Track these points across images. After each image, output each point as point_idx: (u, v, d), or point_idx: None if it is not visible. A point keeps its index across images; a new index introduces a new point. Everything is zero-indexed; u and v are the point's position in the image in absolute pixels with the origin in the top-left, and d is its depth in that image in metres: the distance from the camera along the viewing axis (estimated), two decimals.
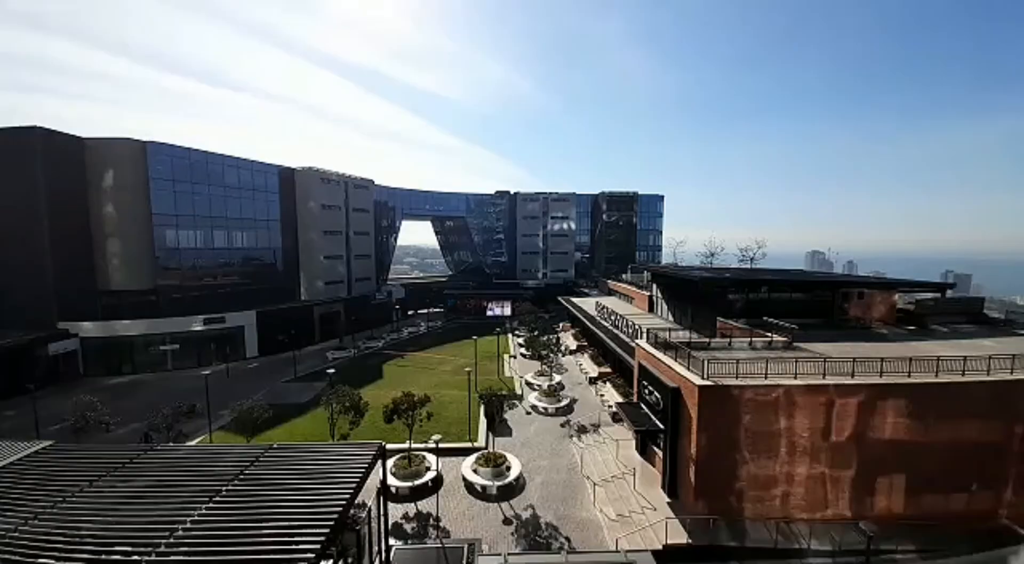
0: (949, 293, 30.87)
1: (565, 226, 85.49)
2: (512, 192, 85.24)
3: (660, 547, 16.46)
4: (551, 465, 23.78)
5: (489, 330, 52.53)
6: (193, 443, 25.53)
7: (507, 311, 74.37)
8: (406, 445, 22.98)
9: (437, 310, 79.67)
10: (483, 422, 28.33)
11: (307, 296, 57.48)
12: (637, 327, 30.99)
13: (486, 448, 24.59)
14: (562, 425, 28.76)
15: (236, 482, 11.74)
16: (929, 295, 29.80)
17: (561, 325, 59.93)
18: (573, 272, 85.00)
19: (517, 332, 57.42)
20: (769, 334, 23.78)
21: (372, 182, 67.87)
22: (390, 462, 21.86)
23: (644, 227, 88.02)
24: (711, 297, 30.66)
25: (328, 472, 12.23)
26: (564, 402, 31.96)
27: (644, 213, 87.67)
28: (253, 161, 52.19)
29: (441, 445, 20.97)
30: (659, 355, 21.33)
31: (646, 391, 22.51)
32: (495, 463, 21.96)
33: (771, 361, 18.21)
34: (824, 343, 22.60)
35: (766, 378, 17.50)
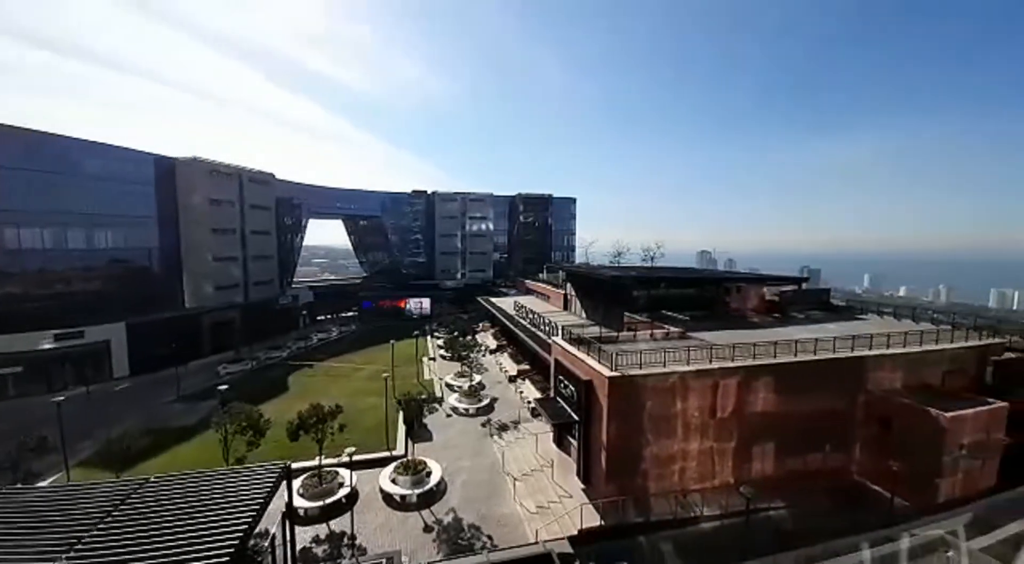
0: (804, 286, 36.75)
1: (483, 227, 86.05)
2: (430, 192, 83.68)
3: (576, 532, 17.34)
4: (473, 465, 23.80)
5: (407, 333, 50.93)
6: (46, 483, 21.24)
7: (426, 312, 72.90)
8: (316, 462, 21.42)
9: (351, 314, 75.43)
10: (402, 428, 27.46)
11: (193, 302, 50.80)
12: (553, 324, 32.26)
13: (405, 455, 23.88)
14: (483, 425, 28.93)
15: (102, 526, 10.02)
16: (789, 288, 35.14)
17: (481, 325, 60.24)
18: (492, 272, 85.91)
19: (437, 334, 56.52)
20: (667, 326, 26.24)
21: (273, 176, 62.11)
22: (297, 482, 20.23)
23: (559, 228, 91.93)
24: (618, 294, 33.01)
25: (221, 502, 10.95)
26: (485, 402, 32.18)
27: (558, 215, 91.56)
28: (122, 148, 44.82)
29: (356, 457, 19.91)
30: (573, 350, 22.42)
31: (562, 385, 23.53)
32: (415, 470, 21.40)
33: (668, 351, 20.10)
34: (711, 332, 25.48)
35: (664, 366, 19.28)
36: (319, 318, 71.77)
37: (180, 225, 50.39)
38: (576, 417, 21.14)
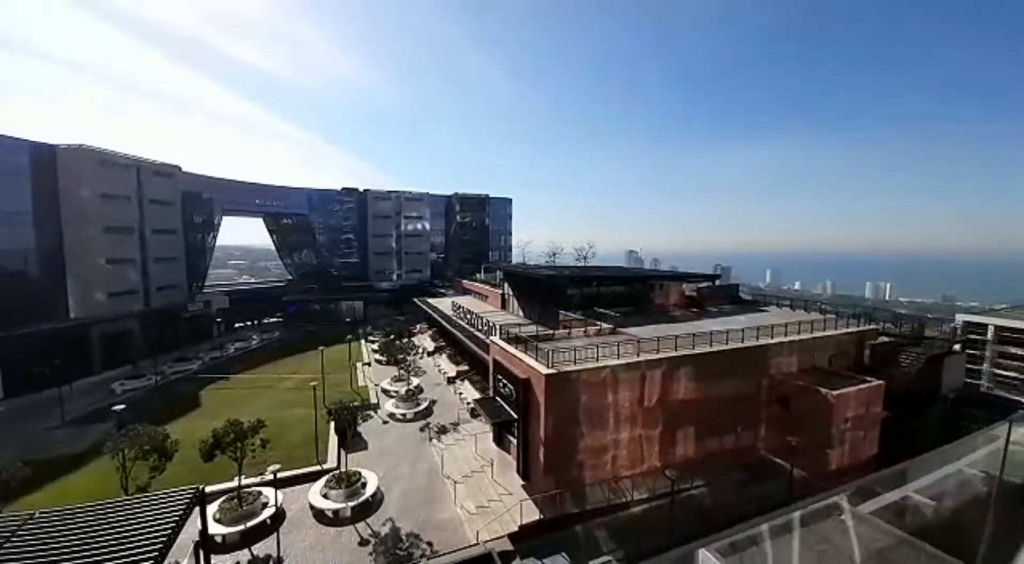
0: (718, 282, 40.31)
1: (420, 226, 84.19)
2: (362, 190, 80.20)
3: (516, 529, 17.58)
4: (411, 472, 23.22)
5: (339, 337, 48.40)
6: None
7: (360, 315, 69.83)
8: (235, 482, 19.66)
9: (275, 320, 70.18)
10: (333, 439, 26.07)
11: (80, 312, 44.32)
12: (491, 324, 32.41)
13: (338, 467, 22.71)
14: (422, 429, 28.33)
15: None
16: (705, 284, 38.36)
17: (418, 327, 58.93)
18: (429, 272, 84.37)
19: (371, 337, 54.34)
20: (599, 323, 27.46)
21: (179, 169, 56.03)
22: (213, 507, 18.49)
23: (496, 228, 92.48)
24: (554, 293, 33.95)
25: (121, 536, 9.70)
26: (423, 405, 31.53)
27: (495, 215, 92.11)
28: None
29: (282, 474, 18.56)
30: (511, 349, 22.69)
31: (501, 384, 23.72)
32: (349, 482, 20.41)
33: (601, 346, 21.07)
34: (638, 327, 27.08)
35: (597, 361, 20.18)
36: (237, 325, 65.96)
37: (63, 223, 43.70)
38: (515, 415, 21.43)
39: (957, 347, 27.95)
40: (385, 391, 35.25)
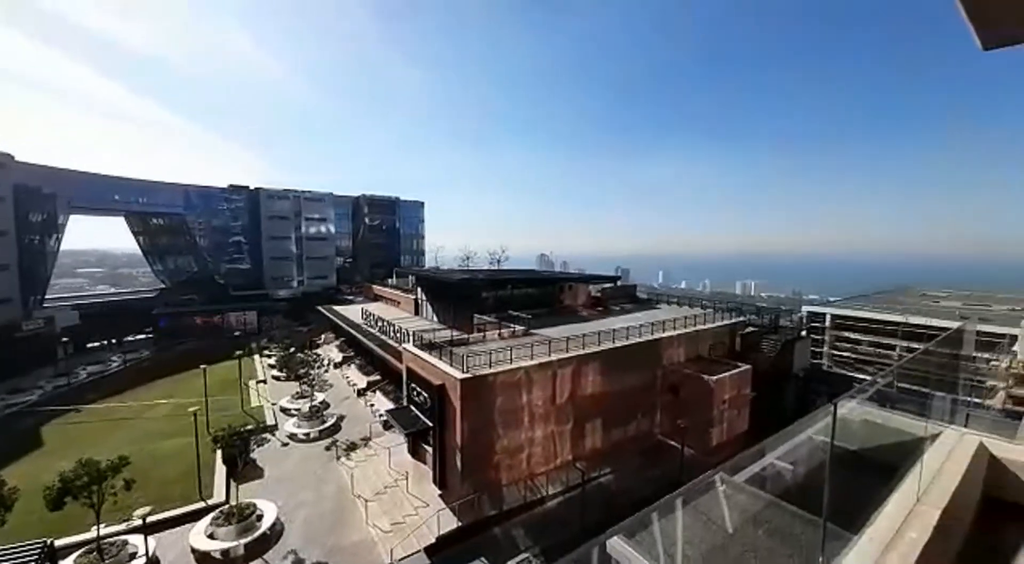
0: (619, 283, 43.74)
1: (324, 229, 78.54)
2: (253, 188, 72.48)
3: (434, 540, 17.22)
4: (317, 496, 21.50)
5: (227, 354, 43.01)
6: None
7: (253, 328, 62.91)
8: (94, 533, 16.46)
9: (143, 336, 60.23)
10: (222, 470, 23.13)
11: None
12: (404, 331, 31.40)
13: (227, 502, 20.20)
14: (328, 447, 26.39)
15: None
16: (609, 285, 41.38)
17: (323, 337, 54.85)
18: (335, 278, 79.06)
19: (268, 351, 49.22)
20: (513, 325, 28.11)
21: (11, 158, 45.60)
22: (67, 562, 15.31)
23: (407, 232, 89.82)
24: (468, 296, 33.98)
25: None
26: (329, 422, 29.40)
27: (407, 218, 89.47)
28: None
29: (155, 517, 16.03)
30: (425, 356, 22.20)
31: (415, 393, 23.07)
32: (241, 516, 18.24)
33: (515, 348, 21.59)
34: (550, 327, 28.26)
35: (511, 363, 20.63)
36: (91, 346, 55.42)
37: None
38: (430, 423, 21.00)
39: (804, 333, 33.73)
40: (284, 410, 32.20)
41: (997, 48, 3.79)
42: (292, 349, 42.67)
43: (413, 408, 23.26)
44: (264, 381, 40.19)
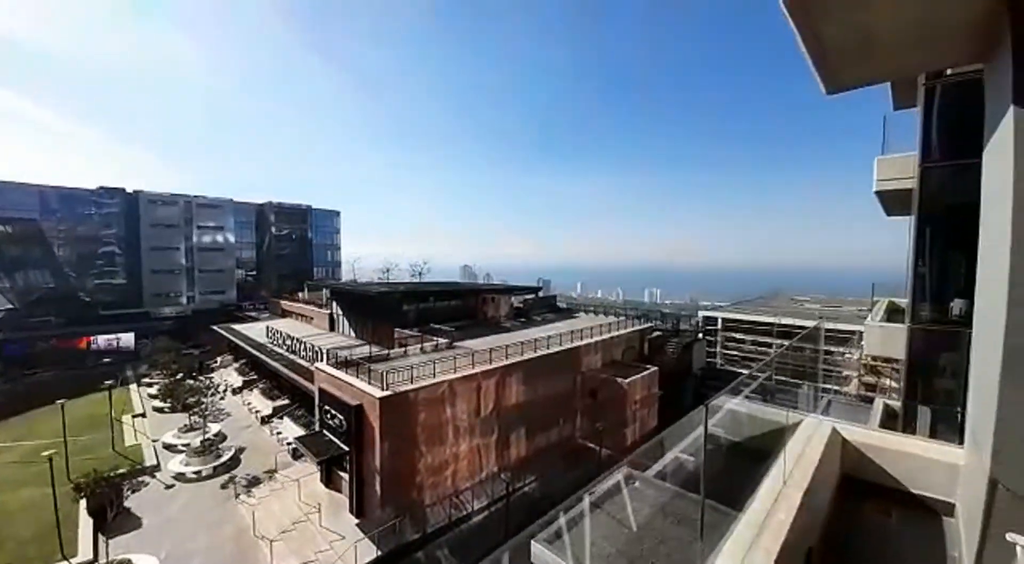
0: (541, 293, 45.12)
1: (221, 238, 70.66)
2: (132, 191, 63.11)
3: None
4: (210, 542, 18.93)
5: (94, 385, 36.47)
6: None
7: (130, 351, 54.24)
8: None
9: None
10: (87, 524, 19.43)
11: None
12: (317, 349, 29.24)
13: (95, 560, 16.99)
14: (225, 485, 23.47)
15: None
16: (531, 295, 42.49)
17: (219, 360, 49.00)
18: (235, 293, 71.30)
19: (148, 379, 42.64)
20: (436, 338, 27.57)
21: None
22: None
23: (321, 242, 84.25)
24: (388, 310, 32.70)
25: None
26: (226, 456, 26.18)
27: (321, 228, 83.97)
28: None
29: None
30: (340, 375, 20.85)
31: (329, 416, 21.49)
32: None
33: (438, 361, 21.16)
34: (474, 339, 28.20)
35: (434, 377, 20.17)
36: None
37: None
38: (346, 447, 19.67)
39: (700, 336, 37.52)
40: (169, 446, 28.10)
41: (838, 92, 4.63)
42: (179, 375, 37.51)
43: (327, 433, 21.63)
44: (143, 415, 34.67)
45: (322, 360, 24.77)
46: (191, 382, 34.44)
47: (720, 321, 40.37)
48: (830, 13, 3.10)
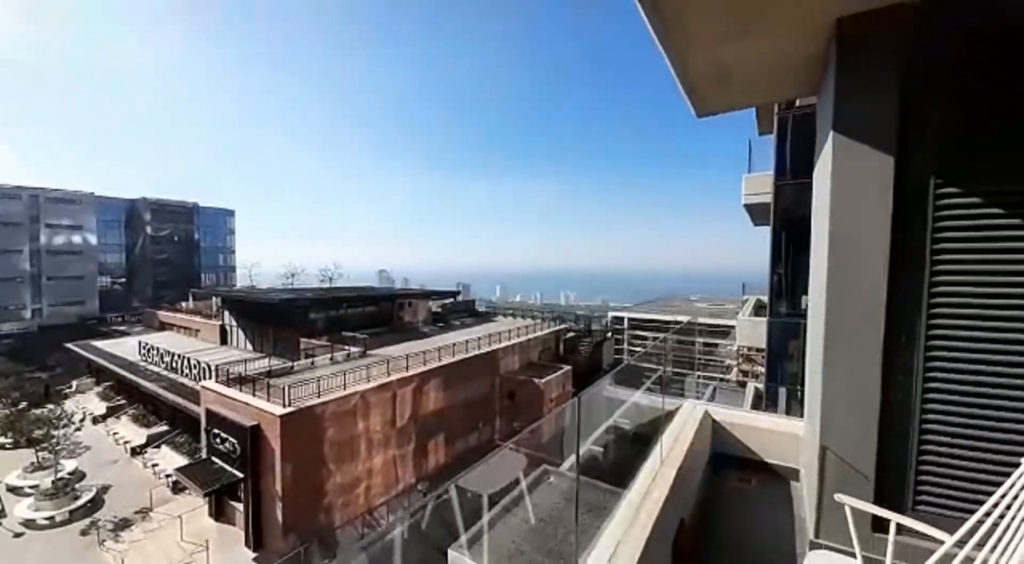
0: (459, 297, 44.91)
1: (78, 239, 59.71)
2: None
3: None
4: None
5: None
6: None
7: None
8: None
9: None
10: None
11: None
12: (205, 365, 25.95)
13: None
14: (86, 531, 19.74)
15: None
16: (449, 300, 42.09)
17: (76, 383, 41.17)
18: (98, 304, 60.60)
19: None
20: (348, 347, 26.04)
21: None
22: None
23: (211, 245, 75.25)
24: (293, 319, 30.14)
25: None
26: (86, 497, 22.04)
27: (210, 229, 74.97)
28: None
29: None
30: (233, 393, 18.74)
31: (218, 440, 19.16)
32: None
33: (349, 372, 19.98)
34: (390, 346, 27.12)
35: (345, 388, 19.02)
36: None
37: None
38: (240, 474, 17.70)
39: (609, 334, 40.21)
40: (14, 489, 23.03)
41: (708, 116, 5.29)
42: (22, 406, 30.84)
43: (216, 459, 19.27)
44: None
45: (210, 378, 22.05)
46: (37, 412, 28.42)
47: (626, 321, 43.62)
48: (694, 48, 3.52)
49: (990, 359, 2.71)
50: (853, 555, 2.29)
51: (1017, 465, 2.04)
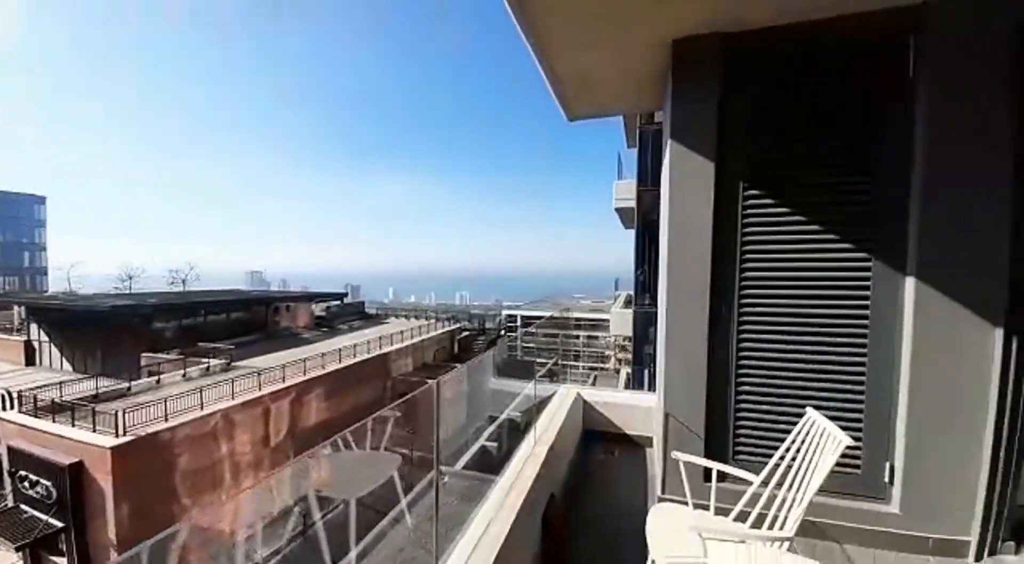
0: (347, 299, 42.05)
1: None
2: None
3: None
4: None
5: None
6: None
7: None
8: None
9: None
10: None
11: None
12: (3, 393, 20.21)
13: None
14: None
15: None
16: (335, 302, 39.16)
17: None
18: None
19: None
20: (207, 360, 22.56)
21: None
22: None
23: (10, 239, 58.98)
24: (131, 329, 25.12)
25: None
26: None
27: (9, 219, 58.70)
28: None
29: None
30: (43, 426, 14.92)
31: (26, 484, 15.10)
32: None
33: (208, 388, 17.29)
34: (262, 356, 24.20)
35: (203, 408, 16.43)
36: None
37: None
38: (59, 523, 14.19)
39: (503, 332, 41.36)
40: None
41: (577, 120, 5.69)
42: None
43: (26, 507, 15.18)
44: None
45: (10, 409, 17.27)
46: None
47: (519, 318, 45.30)
48: (558, 53, 3.75)
49: (782, 335, 3.37)
50: (687, 503, 2.62)
51: (802, 415, 2.58)
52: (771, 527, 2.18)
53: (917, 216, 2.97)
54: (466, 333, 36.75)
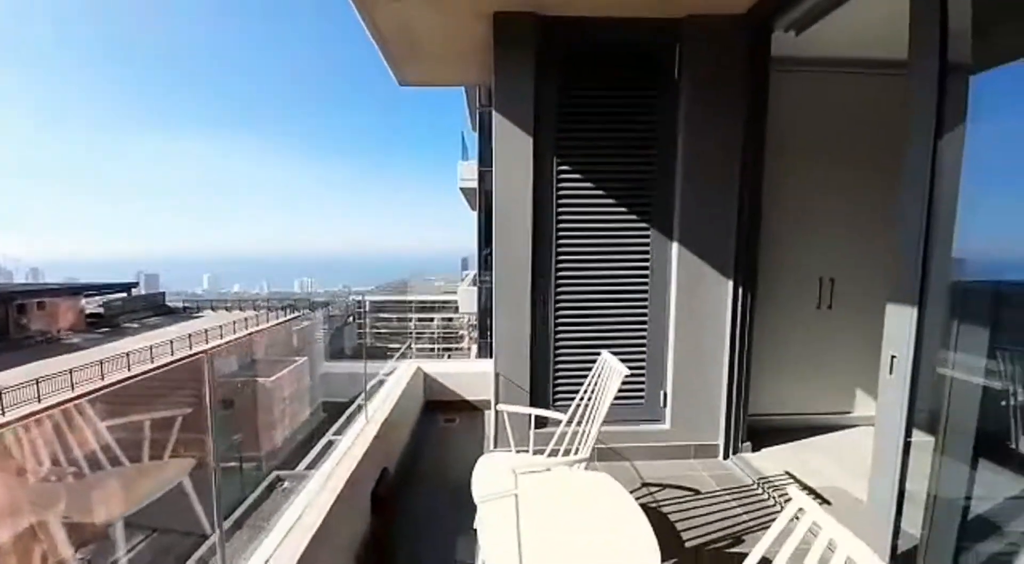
0: (136, 291, 33.52)
1: None
2: None
3: None
4: None
5: None
6: None
7: None
8: None
9: None
10: None
11: None
12: None
13: None
14: None
15: None
16: (119, 295, 30.83)
17: None
18: None
19: None
20: None
21: None
22: None
23: None
24: None
25: None
26: None
27: None
28: None
29: None
30: None
31: None
32: None
33: None
34: (2, 372, 17.74)
35: None
36: None
37: None
38: None
39: (351, 318, 38.71)
40: None
41: (409, 86, 5.44)
42: None
43: None
44: None
45: None
46: None
47: (368, 303, 42.87)
48: (377, 3, 3.42)
49: (588, 293, 3.90)
50: (511, 451, 2.82)
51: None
52: (574, 455, 2.51)
53: (679, 191, 3.72)
54: (307, 323, 33.10)
